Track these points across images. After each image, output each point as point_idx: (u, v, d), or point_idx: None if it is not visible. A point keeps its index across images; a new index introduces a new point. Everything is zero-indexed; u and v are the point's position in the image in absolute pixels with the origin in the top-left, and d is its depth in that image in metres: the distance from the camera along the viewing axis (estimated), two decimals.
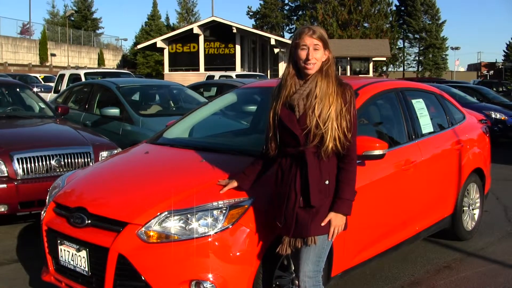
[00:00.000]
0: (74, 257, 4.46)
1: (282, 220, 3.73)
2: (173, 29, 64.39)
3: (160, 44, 48.54)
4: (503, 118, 17.74)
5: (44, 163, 7.22)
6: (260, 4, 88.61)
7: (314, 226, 3.64)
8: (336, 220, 3.66)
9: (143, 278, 4.02)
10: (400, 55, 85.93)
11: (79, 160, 7.51)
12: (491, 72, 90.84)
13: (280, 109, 3.72)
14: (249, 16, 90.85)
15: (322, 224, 3.64)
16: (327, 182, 3.65)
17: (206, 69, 44.29)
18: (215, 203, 4.10)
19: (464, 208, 6.96)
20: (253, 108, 7.15)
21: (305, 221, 3.63)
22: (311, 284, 3.76)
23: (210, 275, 3.94)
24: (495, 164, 9.19)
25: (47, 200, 5.13)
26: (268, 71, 50.20)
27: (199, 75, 40.18)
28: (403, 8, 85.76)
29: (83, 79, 19.21)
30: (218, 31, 46.94)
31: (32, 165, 7.14)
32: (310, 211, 3.63)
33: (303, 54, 3.65)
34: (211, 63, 46.54)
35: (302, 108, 3.64)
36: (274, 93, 3.84)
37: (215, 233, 4.00)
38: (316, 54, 3.65)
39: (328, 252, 3.86)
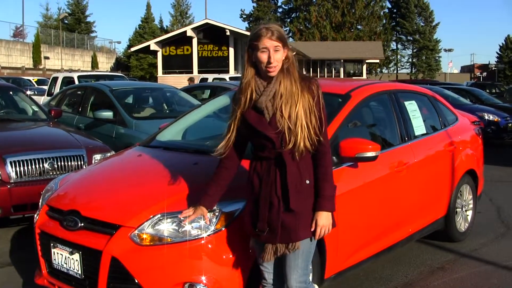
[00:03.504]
0: (67, 260, 4.45)
1: (266, 227, 3.62)
2: (167, 31, 64.36)
3: (153, 46, 48.48)
4: (496, 119, 17.80)
5: (37, 166, 7.20)
6: (253, 6, 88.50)
7: (302, 229, 3.58)
8: (322, 219, 3.59)
9: (136, 281, 4.01)
10: (393, 57, 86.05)
11: (72, 163, 7.50)
12: (484, 74, 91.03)
13: (248, 113, 3.62)
14: (242, 18, 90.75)
15: (312, 226, 3.60)
16: (307, 181, 3.58)
17: (199, 72, 44.22)
18: None
19: (457, 210, 6.98)
20: None
21: (292, 225, 3.55)
22: None
23: (203, 278, 3.94)
24: (488, 165, 9.22)
25: (40, 203, 5.13)
26: None
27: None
28: (395, 11, 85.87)
29: (76, 82, 19.22)
30: (212, 34, 46.91)
31: (25, 168, 7.12)
32: (295, 215, 3.55)
33: (263, 57, 3.52)
34: (205, 65, 46.50)
35: (271, 109, 3.54)
36: (236, 97, 3.71)
37: (208, 235, 4.00)
38: (277, 56, 3.53)
39: (312, 254, 3.82)
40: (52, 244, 4.59)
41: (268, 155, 3.62)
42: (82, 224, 4.38)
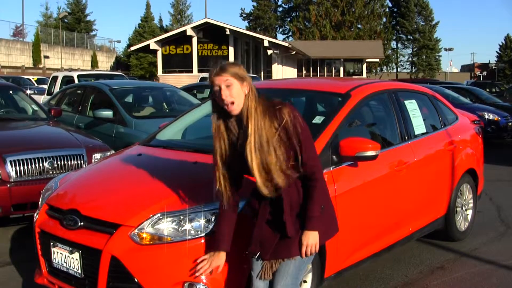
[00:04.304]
0: (67, 259, 4.45)
1: (258, 247, 3.64)
2: (166, 31, 64.38)
3: (153, 46, 48.50)
4: (496, 118, 17.79)
5: (37, 165, 7.20)
6: (253, 5, 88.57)
7: (295, 248, 3.58)
8: (308, 238, 3.55)
9: (136, 280, 4.01)
10: (393, 56, 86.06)
11: (72, 162, 7.49)
12: (484, 73, 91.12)
13: (231, 156, 3.58)
14: (242, 17, 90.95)
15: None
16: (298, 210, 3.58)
17: (199, 71, 44.24)
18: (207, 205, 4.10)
19: (457, 209, 6.98)
20: None
21: (286, 245, 3.57)
22: None
23: (203, 277, 3.93)
24: (488, 164, 9.21)
25: (39, 203, 5.13)
26: (262, 73, 50.14)
27: (193, 77, 40.17)
28: (396, 10, 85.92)
29: (76, 81, 19.17)
30: (211, 33, 46.92)
31: (25, 167, 7.12)
32: (291, 237, 3.56)
33: (217, 95, 3.48)
34: (205, 64, 46.47)
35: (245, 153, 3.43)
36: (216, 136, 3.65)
37: (208, 234, 3.99)
38: (232, 91, 3.44)
39: (307, 265, 3.83)
40: (52, 243, 4.58)
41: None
42: (82, 223, 4.37)
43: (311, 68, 60.30)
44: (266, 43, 47.52)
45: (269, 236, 3.61)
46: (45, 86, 24.32)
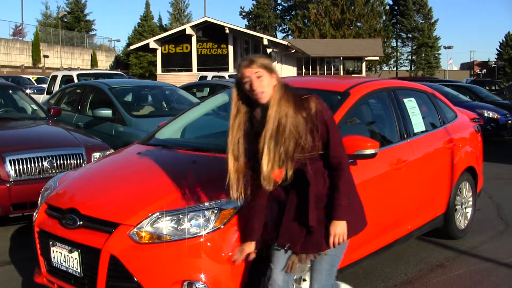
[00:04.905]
0: (66, 258, 4.45)
1: (287, 242, 3.66)
2: (166, 30, 64.31)
3: (152, 45, 48.48)
4: (495, 116, 17.81)
5: (36, 164, 7.20)
6: (252, 4, 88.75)
7: (324, 242, 3.62)
8: (336, 228, 3.58)
9: (135, 279, 4.01)
10: (393, 54, 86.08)
11: (72, 161, 7.49)
12: (484, 71, 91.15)
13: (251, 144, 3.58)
14: (241, 16, 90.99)
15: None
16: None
17: (199, 70, 44.22)
18: (206, 204, 4.10)
19: (456, 207, 6.98)
20: None
21: (315, 238, 3.60)
22: None
23: (202, 275, 3.94)
24: (487, 162, 9.22)
25: (39, 202, 5.12)
26: None
27: (192, 76, 40.15)
28: (396, 8, 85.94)
29: (75, 80, 19.17)
30: (211, 32, 46.89)
31: (25, 166, 7.12)
32: (322, 225, 3.59)
33: (247, 87, 3.52)
34: (204, 63, 46.47)
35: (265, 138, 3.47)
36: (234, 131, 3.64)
37: (207, 233, 4.00)
38: (263, 82, 3.49)
39: (340, 259, 3.85)
40: (51, 243, 4.58)
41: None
42: (81, 223, 4.37)
43: (310, 66, 60.31)
44: (265, 42, 47.51)
45: (296, 228, 3.62)
46: (45, 86, 24.32)
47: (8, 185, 6.95)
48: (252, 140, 3.55)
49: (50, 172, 7.23)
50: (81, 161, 7.55)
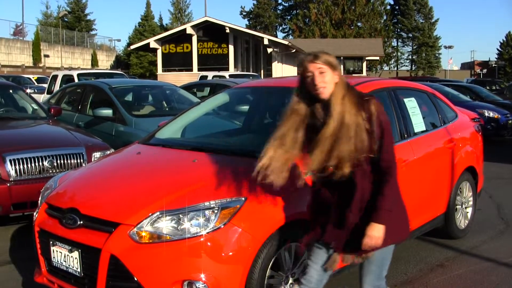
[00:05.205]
0: (66, 258, 4.45)
1: (332, 240, 3.68)
2: (166, 29, 64.29)
3: (153, 44, 48.46)
4: (496, 116, 17.79)
5: (37, 164, 7.20)
6: (253, 4, 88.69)
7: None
8: (372, 230, 3.53)
9: (135, 279, 4.01)
10: (393, 54, 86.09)
11: (72, 161, 7.49)
12: (485, 70, 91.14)
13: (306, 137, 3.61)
14: (242, 16, 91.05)
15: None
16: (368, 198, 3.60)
17: (199, 69, 44.20)
18: (206, 203, 4.10)
19: (457, 207, 6.97)
20: (245, 108, 7.14)
21: (358, 240, 3.57)
22: None
23: (202, 275, 3.94)
24: (488, 162, 9.21)
25: (39, 201, 5.13)
26: (262, 71, 50.16)
27: (192, 76, 40.14)
28: (396, 7, 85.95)
29: (76, 80, 19.16)
30: (211, 31, 46.87)
31: (25, 166, 7.11)
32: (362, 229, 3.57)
33: (309, 81, 3.53)
34: (204, 63, 46.45)
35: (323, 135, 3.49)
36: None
37: (207, 233, 4.00)
38: (325, 78, 3.51)
39: (388, 261, 3.85)
40: (51, 242, 4.59)
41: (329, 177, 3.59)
42: (81, 222, 4.37)
43: None
44: (266, 42, 47.50)
45: (341, 228, 3.63)
46: (45, 85, 24.32)
47: (8, 184, 6.95)
48: (307, 134, 3.60)
49: (51, 171, 7.23)
50: (82, 160, 7.55)
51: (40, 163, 7.23)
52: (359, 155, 3.46)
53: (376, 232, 3.53)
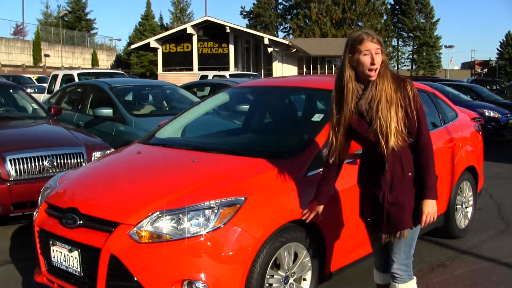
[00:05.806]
0: (66, 257, 4.44)
1: (368, 217, 4.00)
2: (167, 29, 64.35)
3: (153, 44, 48.50)
4: (496, 116, 17.79)
5: (37, 164, 7.19)
6: (253, 3, 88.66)
7: (407, 219, 3.83)
8: (427, 207, 3.78)
9: (135, 279, 4.00)
10: (394, 53, 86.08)
11: (72, 160, 7.48)
12: (485, 70, 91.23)
13: (350, 116, 3.80)
14: (242, 15, 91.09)
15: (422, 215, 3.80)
16: (410, 174, 3.79)
17: (199, 69, 44.25)
18: (206, 203, 4.09)
19: (457, 206, 6.97)
20: (245, 107, 7.14)
21: (397, 216, 3.81)
22: (404, 272, 4.03)
23: (202, 275, 3.93)
24: (488, 162, 9.22)
25: (39, 201, 5.12)
26: (262, 71, 50.19)
27: (193, 75, 40.16)
28: (397, 7, 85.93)
29: (76, 79, 19.16)
30: (212, 31, 46.91)
31: (25, 166, 7.11)
32: (399, 206, 3.80)
33: (366, 59, 3.66)
34: (205, 63, 46.51)
35: (370, 112, 3.71)
36: (335, 99, 3.91)
37: (207, 232, 3.99)
38: (378, 58, 3.66)
39: (415, 240, 4.07)
40: (51, 242, 4.58)
41: (371, 153, 3.84)
42: (81, 222, 4.37)
43: (311, 66, 60.34)
44: (266, 41, 47.53)
45: (380, 209, 3.86)
46: (46, 85, 24.32)
47: (8, 184, 6.94)
48: (354, 115, 3.81)
49: (51, 171, 7.22)
50: (82, 160, 7.54)
51: (40, 163, 7.23)
52: (401, 134, 3.66)
53: (430, 208, 3.80)
